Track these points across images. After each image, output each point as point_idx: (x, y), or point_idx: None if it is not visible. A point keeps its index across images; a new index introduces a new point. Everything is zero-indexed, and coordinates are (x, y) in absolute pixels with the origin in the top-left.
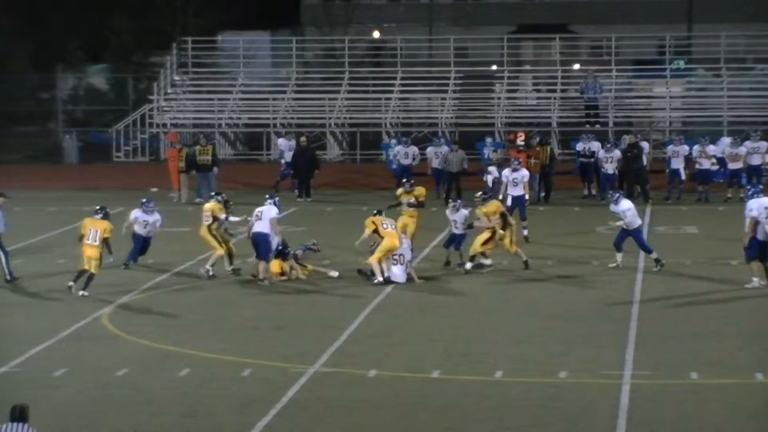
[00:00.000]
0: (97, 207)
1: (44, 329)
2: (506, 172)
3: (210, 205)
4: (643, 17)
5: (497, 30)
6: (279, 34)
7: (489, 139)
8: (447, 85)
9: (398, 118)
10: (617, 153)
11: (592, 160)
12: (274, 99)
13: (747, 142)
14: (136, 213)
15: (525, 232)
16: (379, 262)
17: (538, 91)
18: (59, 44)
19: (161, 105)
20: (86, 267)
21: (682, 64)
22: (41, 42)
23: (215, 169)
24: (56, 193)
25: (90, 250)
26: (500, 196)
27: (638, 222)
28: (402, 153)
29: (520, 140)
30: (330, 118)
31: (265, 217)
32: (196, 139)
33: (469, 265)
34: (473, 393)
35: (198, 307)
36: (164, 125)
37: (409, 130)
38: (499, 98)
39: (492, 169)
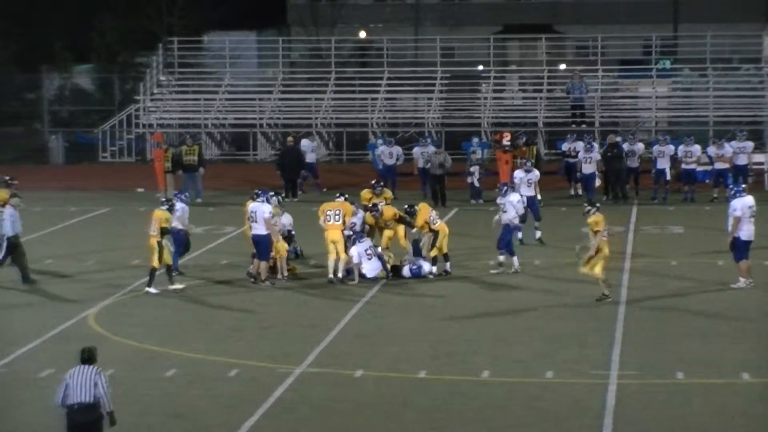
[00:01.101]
0: (163, 198)
1: (30, 330)
2: (519, 173)
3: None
4: (628, 17)
5: (483, 30)
6: (265, 34)
7: (475, 139)
8: (433, 85)
9: (385, 118)
10: (596, 153)
11: (578, 159)
12: (260, 99)
13: (733, 142)
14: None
15: (538, 234)
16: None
17: (524, 91)
18: (45, 45)
19: (147, 105)
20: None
21: (667, 64)
22: (27, 42)
23: (201, 170)
24: (42, 193)
25: (150, 241)
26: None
27: (515, 219)
28: (386, 153)
29: (506, 140)
30: (316, 119)
31: (259, 217)
32: (182, 140)
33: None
34: (459, 393)
35: (184, 308)
36: (150, 125)
37: (395, 130)
38: (485, 98)
39: (474, 169)
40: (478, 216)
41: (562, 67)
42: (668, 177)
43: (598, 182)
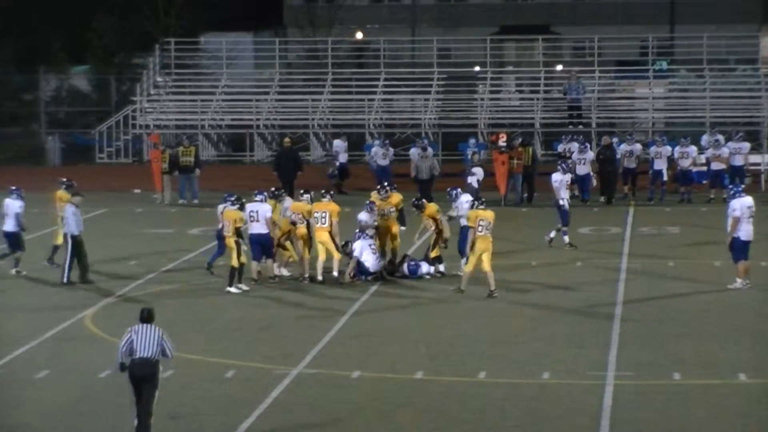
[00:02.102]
0: (233, 197)
1: (27, 331)
2: (557, 175)
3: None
4: (625, 18)
5: (480, 31)
6: (262, 35)
7: (472, 140)
8: (430, 86)
9: (381, 119)
10: (590, 154)
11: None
12: (257, 100)
13: (730, 143)
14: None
15: (566, 239)
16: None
17: (521, 92)
18: (42, 46)
19: (144, 106)
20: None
21: (664, 65)
22: (24, 43)
23: (197, 171)
24: (39, 194)
25: (227, 240)
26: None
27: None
28: (380, 153)
29: (502, 141)
30: (313, 120)
31: (261, 216)
32: (179, 141)
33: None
34: (456, 394)
35: (181, 309)
36: (147, 126)
37: (392, 131)
38: (482, 99)
39: (476, 170)
40: None
41: (559, 67)
42: (665, 178)
43: (594, 182)
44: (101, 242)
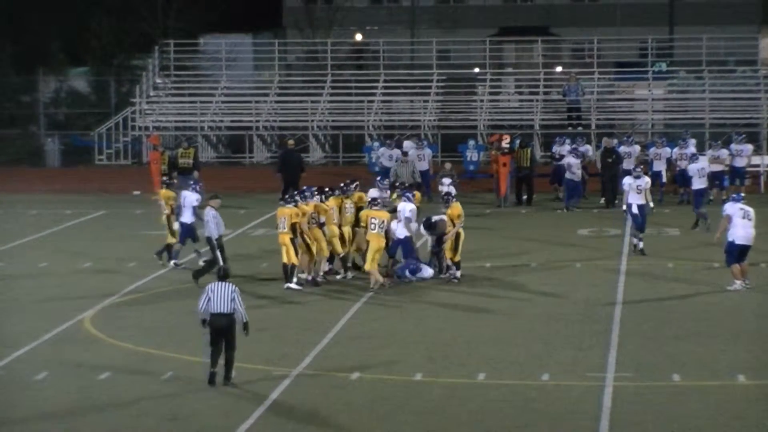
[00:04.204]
0: (287, 196)
1: (26, 332)
2: (628, 179)
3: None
4: (624, 20)
5: (479, 33)
6: (261, 36)
7: (471, 142)
8: (429, 87)
9: (381, 120)
10: (589, 155)
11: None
12: (256, 102)
13: (732, 145)
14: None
15: (641, 245)
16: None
17: (520, 93)
18: (40, 47)
19: (143, 108)
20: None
21: (663, 67)
22: (22, 45)
23: (196, 172)
24: (38, 196)
25: (280, 237)
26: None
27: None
28: (386, 155)
29: (506, 143)
30: (312, 121)
31: (188, 204)
32: (178, 142)
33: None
34: (455, 395)
35: (180, 310)
36: (146, 128)
37: (391, 132)
38: (481, 101)
39: (446, 180)
40: (478, 219)
41: (559, 69)
42: (664, 179)
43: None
44: (101, 244)
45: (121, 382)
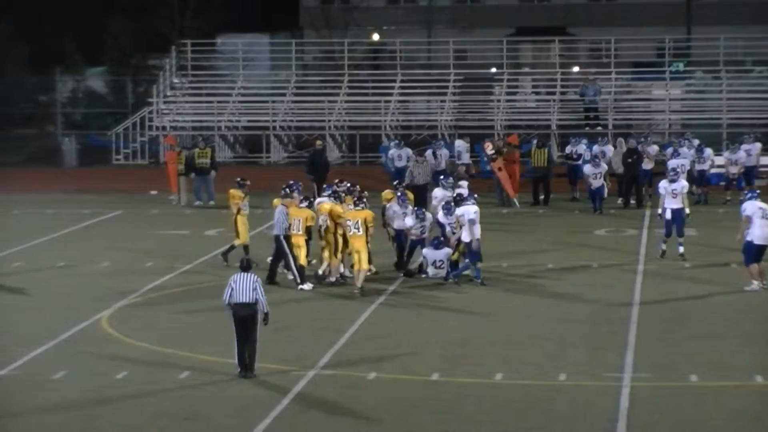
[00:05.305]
0: (302, 197)
1: (43, 332)
2: (663, 183)
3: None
4: (641, 20)
5: (496, 32)
6: (278, 36)
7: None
8: (446, 87)
9: (397, 120)
10: (604, 166)
11: (580, 162)
12: (273, 102)
13: (743, 145)
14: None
15: (681, 249)
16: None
17: (537, 93)
18: (58, 47)
19: (160, 108)
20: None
21: (681, 67)
22: (40, 44)
23: (213, 172)
24: (55, 195)
25: (295, 239)
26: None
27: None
28: (396, 155)
29: (490, 150)
30: (329, 121)
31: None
32: (195, 142)
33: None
34: (472, 395)
35: (196, 310)
36: (163, 128)
37: (408, 132)
38: (498, 101)
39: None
40: (495, 219)
41: (575, 69)
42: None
43: (606, 192)
44: (117, 244)
45: (137, 382)
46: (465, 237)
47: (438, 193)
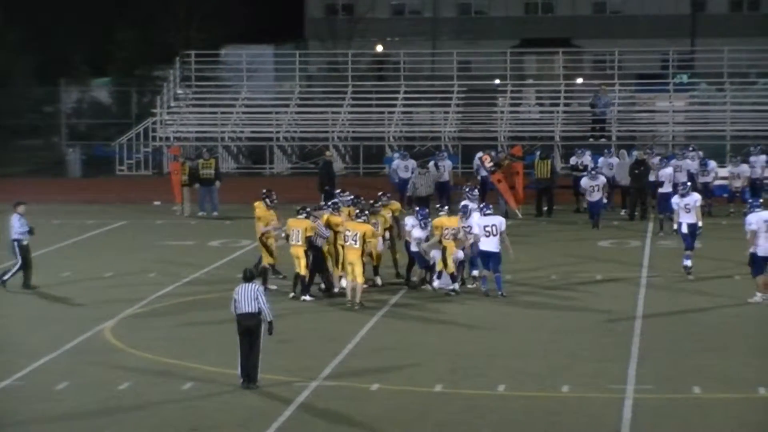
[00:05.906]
0: (299, 208)
1: (47, 342)
2: (676, 198)
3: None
4: (646, 32)
5: (500, 44)
6: (282, 47)
7: (493, 153)
8: (450, 98)
9: (401, 131)
10: (602, 179)
11: (586, 174)
12: (277, 113)
13: (751, 158)
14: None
15: (689, 262)
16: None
17: (541, 105)
18: (62, 58)
19: (164, 118)
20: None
21: (685, 79)
22: (45, 56)
23: (217, 183)
24: (59, 206)
25: (294, 249)
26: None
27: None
28: (401, 166)
29: (488, 162)
30: (333, 132)
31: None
32: (199, 153)
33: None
34: (476, 407)
35: (201, 321)
36: (167, 139)
37: (412, 143)
38: (502, 112)
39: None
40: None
41: (579, 81)
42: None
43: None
44: (122, 254)
45: (141, 392)
46: (459, 254)
47: (409, 221)
